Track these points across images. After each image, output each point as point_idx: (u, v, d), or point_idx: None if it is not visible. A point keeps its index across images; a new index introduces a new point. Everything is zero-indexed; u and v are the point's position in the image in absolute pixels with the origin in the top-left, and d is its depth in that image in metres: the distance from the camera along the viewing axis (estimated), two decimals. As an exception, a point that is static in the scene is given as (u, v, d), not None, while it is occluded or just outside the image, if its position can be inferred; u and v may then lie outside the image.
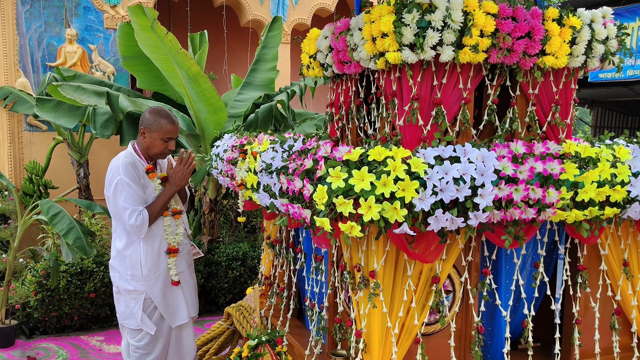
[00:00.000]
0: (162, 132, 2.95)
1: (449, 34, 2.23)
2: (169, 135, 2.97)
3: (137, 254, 2.99)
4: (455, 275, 2.28)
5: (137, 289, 3.00)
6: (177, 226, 3.11)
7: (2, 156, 6.21)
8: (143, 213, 2.92)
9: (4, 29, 6.06)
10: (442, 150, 2.00)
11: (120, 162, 2.96)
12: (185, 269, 3.18)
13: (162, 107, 3.05)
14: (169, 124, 2.96)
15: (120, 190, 2.90)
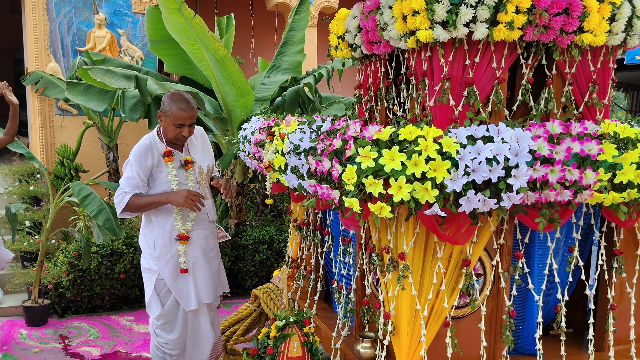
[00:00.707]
0: (174, 118, 2.90)
1: (483, 10, 2.17)
2: (180, 122, 2.91)
3: (152, 234, 3.03)
4: (486, 258, 2.24)
5: (152, 268, 3.04)
6: (190, 215, 3.04)
7: (34, 140, 6.32)
8: (125, 197, 2.91)
9: (34, 13, 6.13)
10: (475, 130, 1.95)
11: (138, 144, 2.99)
12: (199, 254, 3.10)
13: (180, 92, 2.99)
14: (179, 110, 2.89)
15: (125, 170, 2.98)
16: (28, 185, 5.71)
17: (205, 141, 3.28)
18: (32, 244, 5.01)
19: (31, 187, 5.67)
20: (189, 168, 3.07)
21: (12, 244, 4.89)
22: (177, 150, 3.07)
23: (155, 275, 3.03)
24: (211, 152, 3.30)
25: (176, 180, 2.99)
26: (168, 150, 3.00)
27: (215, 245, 3.24)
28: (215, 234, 3.30)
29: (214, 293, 3.17)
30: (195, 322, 3.12)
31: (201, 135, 3.28)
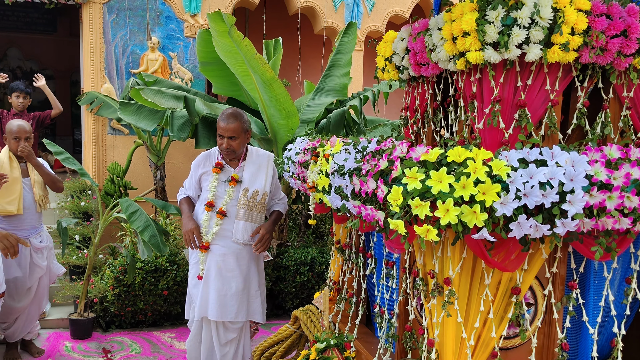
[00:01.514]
0: (217, 129, 3.21)
1: (537, 31, 2.12)
2: (220, 132, 3.17)
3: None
4: (537, 287, 2.14)
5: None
6: (217, 225, 3.21)
7: (87, 157, 6.54)
8: (180, 196, 3.45)
9: (91, 37, 6.40)
10: (527, 152, 1.89)
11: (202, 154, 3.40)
12: (212, 269, 3.22)
13: (232, 108, 3.26)
14: (220, 121, 3.18)
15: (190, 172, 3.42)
16: (79, 201, 5.90)
17: (267, 167, 3.37)
18: (80, 258, 5.14)
19: (82, 202, 5.85)
20: (231, 185, 3.22)
21: (62, 257, 5.03)
22: (231, 167, 3.28)
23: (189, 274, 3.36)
24: (270, 179, 3.38)
25: (214, 192, 3.23)
26: (219, 162, 3.27)
27: (237, 267, 3.24)
28: (246, 257, 3.28)
29: (222, 313, 3.20)
30: (207, 334, 3.27)
31: (267, 159, 3.40)
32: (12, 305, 3.93)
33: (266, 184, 3.32)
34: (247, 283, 3.29)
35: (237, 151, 3.23)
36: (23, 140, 3.90)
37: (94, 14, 6.37)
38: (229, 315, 3.21)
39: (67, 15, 11.11)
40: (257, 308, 3.30)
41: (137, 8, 6.54)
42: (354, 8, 7.34)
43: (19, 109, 5.40)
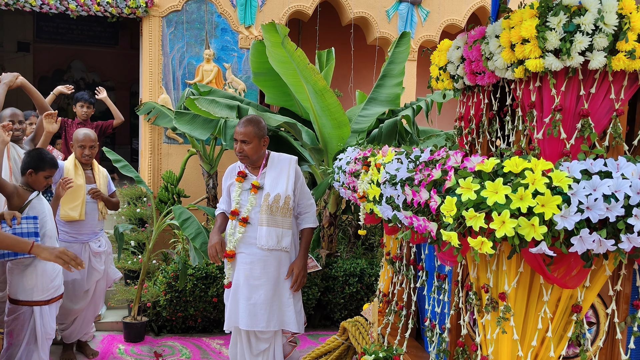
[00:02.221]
0: (234, 134, 3.30)
1: (601, 38, 2.03)
2: (234, 137, 3.25)
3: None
4: (600, 305, 2.03)
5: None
6: (239, 232, 3.23)
7: (143, 165, 6.75)
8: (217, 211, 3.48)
9: (150, 49, 6.62)
10: (590, 164, 1.80)
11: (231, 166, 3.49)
12: (240, 277, 3.21)
13: (253, 115, 3.39)
14: (236, 126, 3.30)
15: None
16: (135, 208, 6.07)
17: (290, 170, 3.32)
18: (135, 263, 5.29)
19: (138, 209, 6.03)
20: (252, 192, 3.26)
21: (118, 262, 5.18)
22: (253, 174, 3.32)
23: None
24: (292, 182, 3.32)
25: (238, 200, 3.28)
26: (242, 172, 3.33)
27: (264, 275, 3.19)
28: (273, 263, 3.22)
29: (252, 322, 3.15)
30: (240, 345, 3.28)
31: (288, 163, 3.35)
32: (69, 307, 4.07)
33: (287, 187, 3.28)
34: (278, 291, 3.23)
35: (250, 156, 3.24)
36: (88, 149, 4.08)
37: (154, 27, 6.59)
38: (260, 325, 3.15)
39: (128, 28, 11.57)
40: (291, 317, 3.21)
41: (194, 21, 6.73)
42: (407, 18, 7.30)
43: (83, 118, 5.63)
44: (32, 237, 3.28)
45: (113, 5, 6.33)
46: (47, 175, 3.49)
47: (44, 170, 3.46)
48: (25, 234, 3.26)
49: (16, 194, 3.41)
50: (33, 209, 3.43)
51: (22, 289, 3.42)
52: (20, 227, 3.25)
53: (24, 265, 3.41)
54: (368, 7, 7.24)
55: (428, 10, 7.40)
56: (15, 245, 2.95)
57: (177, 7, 6.65)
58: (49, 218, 3.50)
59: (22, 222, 3.27)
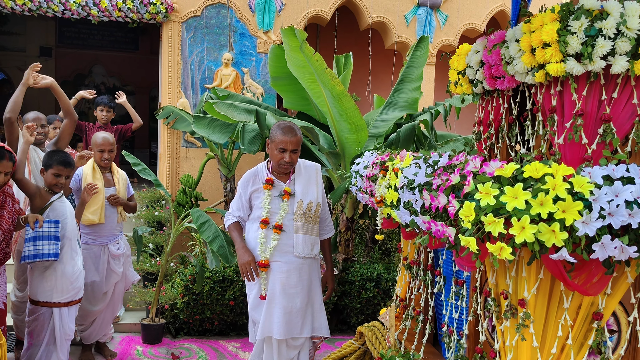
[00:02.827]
0: (277, 142, 3.07)
1: (623, 42, 2.00)
2: (282, 146, 3.06)
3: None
4: (621, 313, 2.00)
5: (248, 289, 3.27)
6: (274, 240, 3.12)
7: (162, 169, 6.81)
8: (228, 222, 3.30)
9: (170, 54, 6.69)
10: (612, 169, 1.77)
11: (248, 172, 3.28)
12: (277, 287, 3.11)
13: (286, 121, 3.17)
14: (283, 134, 3.06)
15: (237, 192, 3.31)
16: (154, 211, 6.13)
17: (317, 178, 3.31)
18: (153, 265, 5.33)
19: (156, 212, 6.08)
20: (284, 198, 3.16)
21: (137, 264, 5.23)
22: (281, 181, 3.20)
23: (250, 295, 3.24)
24: (321, 190, 3.32)
25: (268, 208, 3.15)
26: (269, 178, 3.18)
27: (299, 282, 3.16)
28: (307, 270, 3.22)
29: (288, 331, 3.10)
30: (268, 354, 3.18)
31: (315, 171, 3.33)
32: (88, 309, 4.12)
33: (318, 195, 3.27)
34: (311, 297, 3.23)
35: (295, 164, 3.18)
36: (107, 152, 4.12)
37: (173, 32, 6.67)
38: (295, 331, 3.13)
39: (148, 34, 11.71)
40: (323, 322, 3.23)
41: (213, 26, 6.78)
42: (426, 22, 7.28)
43: (103, 122, 5.71)
44: (52, 240, 3.34)
45: (134, 11, 6.41)
46: (55, 173, 3.50)
47: (52, 168, 3.51)
48: (46, 237, 3.32)
49: (38, 195, 3.47)
50: (54, 211, 3.48)
51: (42, 290, 3.47)
52: (42, 230, 3.30)
53: (43, 266, 3.46)
54: (386, 12, 7.23)
55: (447, 14, 7.37)
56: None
57: (196, 12, 6.72)
58: (69, 220, 3.55)
59: (44, 225, 3.32)
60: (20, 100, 3.67)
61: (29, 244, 3.32)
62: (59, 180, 3.53)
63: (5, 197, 3.27)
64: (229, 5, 6.78)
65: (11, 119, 3.62)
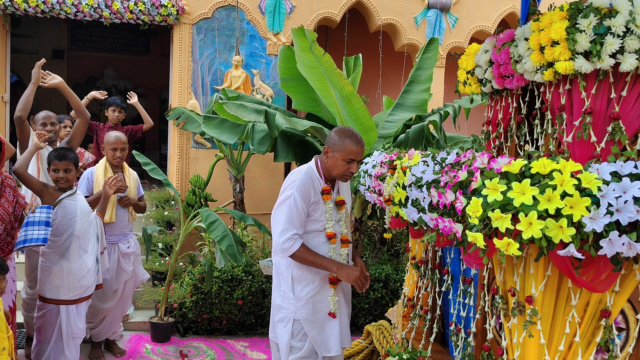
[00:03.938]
0: (346, 153, 2.78)
1: (632, 40, 2.00)
2: (352, 157, 2.79)
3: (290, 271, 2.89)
4: (629, 311, 1.99)
5: (286, 307, 2.88)
6: (341, 255, 2.95)
7: (172, 170, 6.86)
8: (296, 245, 2.77)
9: (180, 56, 6.75)
10: (620, 166, 1.77)
11: (299, 177, 2.84)
12: (341, 297, 2.97)
13: (349, 128, 2.87)
14: (353, 144, 2.77)
15: (287, 205, 2.80)
16: (163, 211, 6.17)
17: (349, 183, 3.23)
18: (162, 265, 5.37)
19: (166, 212, 6.12)
20: (341, 209, 2.98)
21: (146, 263, 5.26)
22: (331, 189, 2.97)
23: (291, 315, 2.85)
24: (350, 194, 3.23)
25: (332, 221, 2.90)
26: (327, 188, 2.89)
27: (349, 288, 3.09)
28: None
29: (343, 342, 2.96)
30: None
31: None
32: (98, 306, 4.16)
33: (349, 198, 3.15)
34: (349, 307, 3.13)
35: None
36: (119, 151, 4.17)
37: (184, 34, 6.72)
38: (347, 342, 2.99)
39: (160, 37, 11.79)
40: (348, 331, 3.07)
41: (224, 28, 6.83)
42: (436, 24, 7.28)
43: (114, 122, 5.76)
44: (42, 225, 3.32)
45: (145, 13, 6.47)
46: (53, 169, 3.54)
47: (49, 165, 3.56)
48: (37, 223, 3.31)
49: (47, 193, 3.50)
50: (63, 208, 3.51)
51: (50, 287, 3.50)
52: (33, 216, 3.32)
53: (51, 263, 3.50)
54: (396, 14, 7.24)
55: (457, 16, 7.37)
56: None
57: (207, 14, 6.77)
58: (79, 218, 3.57)
59: (35, 210, 3.33)
60: (31, 100, 3.72)
61: (21, 231, 3.33)
62: (58, 175, 3.55)
63: (4, 187, 3.31)
64: (238, 7, 6.82)
65: (22, 118, 3.67)
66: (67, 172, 3.55)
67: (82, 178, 4.22)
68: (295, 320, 2.84)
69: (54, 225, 3.47)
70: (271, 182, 7.07)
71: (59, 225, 3.49)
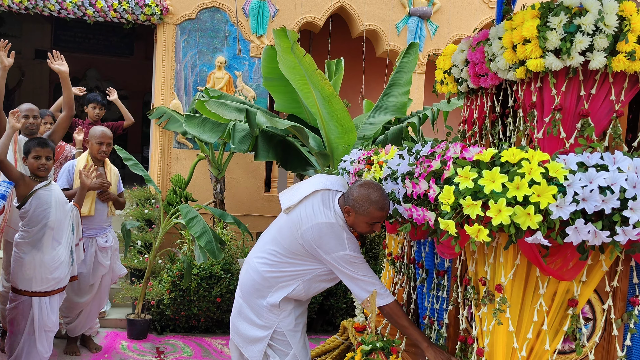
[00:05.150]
0: (369, 218, 2.51)
1: (601, 39, 2.07)
2: (376, 221, 2.54)
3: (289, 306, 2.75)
4: (596, 301, 2.05)
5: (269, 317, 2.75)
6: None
7: (153, 169, 6.83)
8: (392, 299, 2.58)
9: (164, 56, 6.74)
10: (587, 157, 1.83)
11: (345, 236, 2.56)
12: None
13: (372, 184, 2.53)
14: (378, 210, 2.48)
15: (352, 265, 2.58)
16: (143, 209, 6.14)
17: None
18: (141, 262, 5.33)
19: (146, 210, 6.09)
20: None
21: (124, 260, 5.23)
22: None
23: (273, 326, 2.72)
24: None
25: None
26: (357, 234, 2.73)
27: None
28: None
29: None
30: None
31: None
32: (74, 300, 4.12)
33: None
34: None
35: None
36: (105, 145, 4.18)
37: (168, 34, 6.72)
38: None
39: (144, 39, 11.75)
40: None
41: (208, 29, 6.85)
42: (416, 32, 7.39)
43: (94, 119, 5.73)
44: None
45: (129, 12, 6.47)
46: (35, 156, 3.50)
47: (31, 152, 3.52)
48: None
49: (22, 182, 3.46)
50: (38, 198, 3.48)
51: (22, 279, 3.47)
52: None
53: (24, 253, 3.46)
54: (378, 20, 7.33)
55: (437, 24, 7.49)
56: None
57: (191, 15, 6.78)
58: (53, 209, 3.52)
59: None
60: (2, 86, 3.71)
61: None
62: (40, 162, 3.52)
63: None
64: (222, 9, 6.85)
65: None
66: (48, 160, 3.54)
67: (63, 170, 4.19)
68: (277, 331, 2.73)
69: (28, 216, 3.45)
70: (252, 184, 7.08)
71: (32, 215, 3.46)
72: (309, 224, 2.56)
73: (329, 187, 2.71)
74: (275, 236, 2.73)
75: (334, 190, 2.70)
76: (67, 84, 3.99)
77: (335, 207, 2.61)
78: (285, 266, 2.67)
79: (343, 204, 2.59)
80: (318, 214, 2.58)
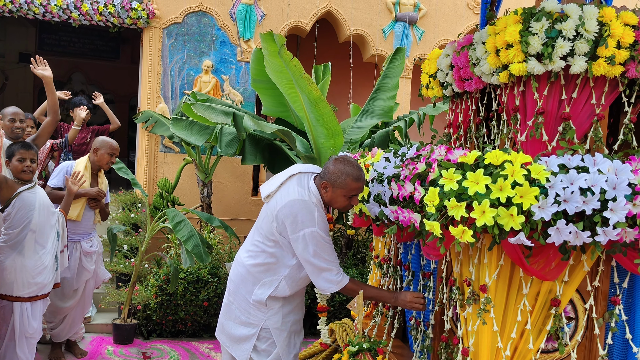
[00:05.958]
0: (347, 190, 2.55)
1: (582, 44, 2.12)
2: (353, 193, 2.58)
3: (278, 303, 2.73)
4: (578, 300, 2.09)
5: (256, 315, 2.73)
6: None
7: (139, 173, 6.80)
8: (345, 276, 2.64)
9: (150, 59, 6.73)
10: (568, 159, 1.87)
11: (316, 214, 2.57)
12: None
13: (347, 158, 2.59)
14: (354, 181, 2.53)
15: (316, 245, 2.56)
16: (129, 213, 6.11)
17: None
18: (127, 267, 5.31)
19: (132, 214, 6.06)
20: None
21: (110, 264, 5.20)
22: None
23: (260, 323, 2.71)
24: None
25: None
26: (331, 217, 2.79)
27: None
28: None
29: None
30: None
31: None
32: (58, 306, 4.08)
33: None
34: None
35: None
36: (115, 157, 4.24)
37: (154, 38, 6.71)
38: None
39: (130, 43, 11.71)
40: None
41: (194, 33, 6.85)
42: (403, 37, 7.45)
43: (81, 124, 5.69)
44: None
45: (115, 16, 6.45)
46: (19, 158, 3.48)
47: (14, 155, 3.50)
48: None
49: (5, 185, 3.42)
50: (21, 201, 3.44)
51: (3, 282, 3.42)
52: None
53: (5, 257, 3.43)
54: (365, 25, 7.39)
55: (423, 30, 7.56)
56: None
57: (177, 19, 6.78)
58: (37, 212, 3.48)
59: None
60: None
61: None
62: (25, 164, 3.49)
63: None
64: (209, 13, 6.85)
65: None
66: (32, 162, 3.52)
67: (60, 170, 4.16)
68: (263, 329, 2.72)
69: (10, 218, 3.41)
70: (239, 188, 7.08)
71: (15, 218, 3.42)
72: (282, 202, 2.59)
73: (305, 170, 2.75)
74: (257, 226, 2.78)
75: (309, 172, 2.74)
76: (51, 89, 3.98)
77: (311, 186, 2.65)
78: (265, 257, 2.68)
79: (320, 182, 2.62)
80: (292, 193, 2.61)
